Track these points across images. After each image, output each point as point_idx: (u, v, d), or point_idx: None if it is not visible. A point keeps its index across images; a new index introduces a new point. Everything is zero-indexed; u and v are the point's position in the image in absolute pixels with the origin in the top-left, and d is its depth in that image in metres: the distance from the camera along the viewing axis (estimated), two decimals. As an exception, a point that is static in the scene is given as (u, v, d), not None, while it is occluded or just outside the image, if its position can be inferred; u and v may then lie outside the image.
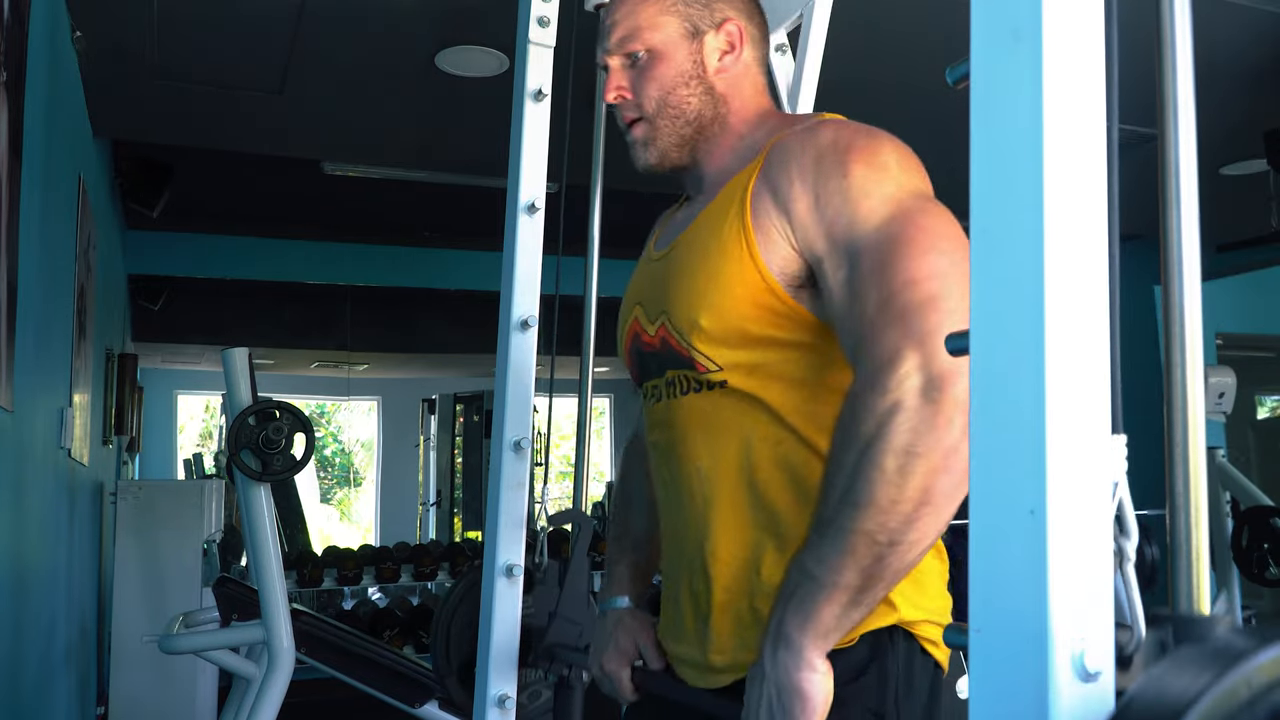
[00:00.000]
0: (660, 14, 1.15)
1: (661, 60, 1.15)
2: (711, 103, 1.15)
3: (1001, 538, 0.57)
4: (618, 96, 1.17)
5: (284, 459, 2.63)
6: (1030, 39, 0.56)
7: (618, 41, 1.17)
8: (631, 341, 1.21)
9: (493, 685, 1.67)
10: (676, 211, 1.27)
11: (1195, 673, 0.46)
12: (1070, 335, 0.56)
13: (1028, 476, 0.55)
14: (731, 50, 1.16)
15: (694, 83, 1.15)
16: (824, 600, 0.91)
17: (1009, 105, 0.58)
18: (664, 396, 1.14)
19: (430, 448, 9.31)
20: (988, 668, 0.57)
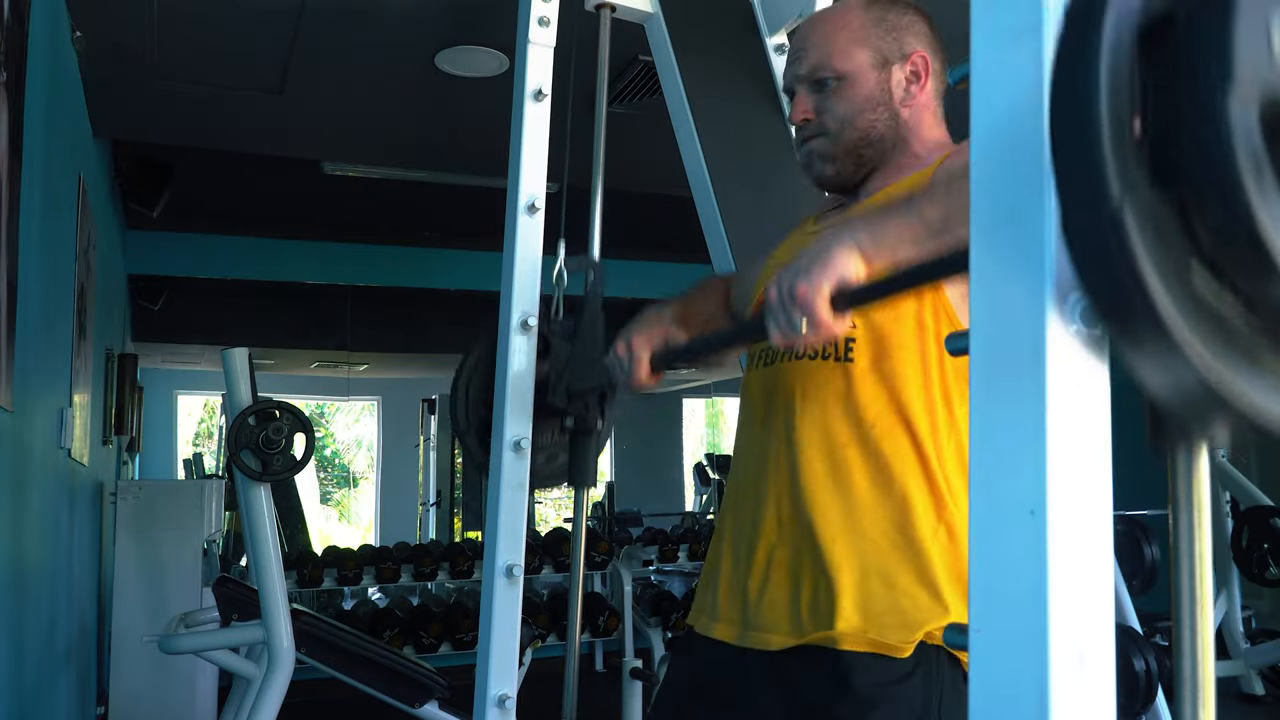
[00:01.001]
0: (851, 44, 1.20)
1: (850, 86, 1.19)
2: (894, 129, 1.20)
3: (1001, 538, 0.57)
4: (803, 119, 1.22)
5: (284, 459, 2.62)
6: (1030, 39, 0.56)
7: (809, 68, 1.21)
8: (763, 299, 1.24)
9: (493, 685, 1.67)
10: (839, 206, 1.30)
11: None
12: (1070, 335, 0.55)
13: (1028, 477, 0.55)
14: (918, 81, 1.21)
15: (881, 109, 1.20)
16: (899, 219, 0.95)
17: (1009, 106, 0.58)
18: (777, 360, 1.19)
19: (430, 448, 9.31)
20: (988, 667, 0.57)
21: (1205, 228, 0.44)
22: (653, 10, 1.95)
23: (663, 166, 2.44)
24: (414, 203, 5.39)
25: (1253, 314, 0.45)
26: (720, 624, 1.19)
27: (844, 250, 0.93)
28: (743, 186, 1.88)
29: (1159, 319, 0.44)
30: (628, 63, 3.22)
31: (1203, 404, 0.45)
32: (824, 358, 1.13)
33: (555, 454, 1.72)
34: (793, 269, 0.95)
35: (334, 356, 8.01)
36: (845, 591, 1.07)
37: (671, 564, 5.63)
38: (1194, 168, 0.43)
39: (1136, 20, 0.45)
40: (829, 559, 1.08)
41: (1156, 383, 0.46)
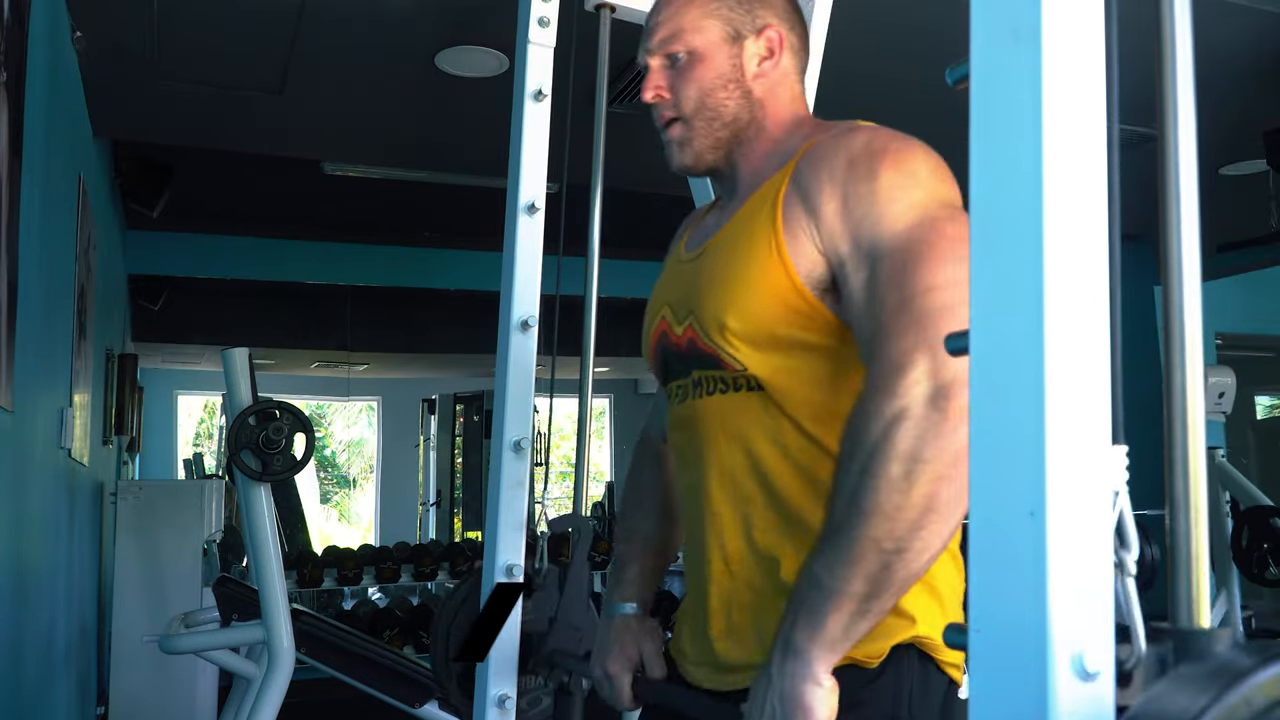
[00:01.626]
0: (703, 17, 1.16)
1: (701, 62, 1.16)
2: (748, 107, 1.16)
3: (1001, 539, 0.57)
4: (655, 96, 1.19)
5: (284, 459, 2.63)
6: (1030, 39, 0.56)
7: (659, 42, 1.19)
8: (658, 341, 1.22)
9: (493, 685, 1.67)
10: (706, 215, 1.28)
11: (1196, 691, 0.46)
12: (1070, 335, 0.56)
13: (1027, 478, 0.55)
14: (771, 56, 1.17)
15: (732, 86, 1.16)
16: (832, 609, 0.91)
17: (1009, 105, 0.58)
18: (689, 396, 1.15)
19: (430, 448, 9.32)
20: (987, 668, 0.57)
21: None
22: (653, 10, 1.95)
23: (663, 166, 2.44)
24: (414, 203, 5.39)
25: None
26: (696, 668, 1.16)
27: (811, 689, 0.91)
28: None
29: None
30: (628, 63, 3.23)
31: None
32: (737, 389, 1.09)
33: (538, 699, 1.71)
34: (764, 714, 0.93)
35: (334, 356, 8.02)
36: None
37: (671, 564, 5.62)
38: None
39: None
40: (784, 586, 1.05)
41: None
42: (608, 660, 1.24)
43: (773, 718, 0.92)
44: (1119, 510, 0.56)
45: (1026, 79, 0.57)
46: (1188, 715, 0.45)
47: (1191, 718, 0.44)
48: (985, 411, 0.59)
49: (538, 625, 1.61)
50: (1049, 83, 0.56)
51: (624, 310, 6.63)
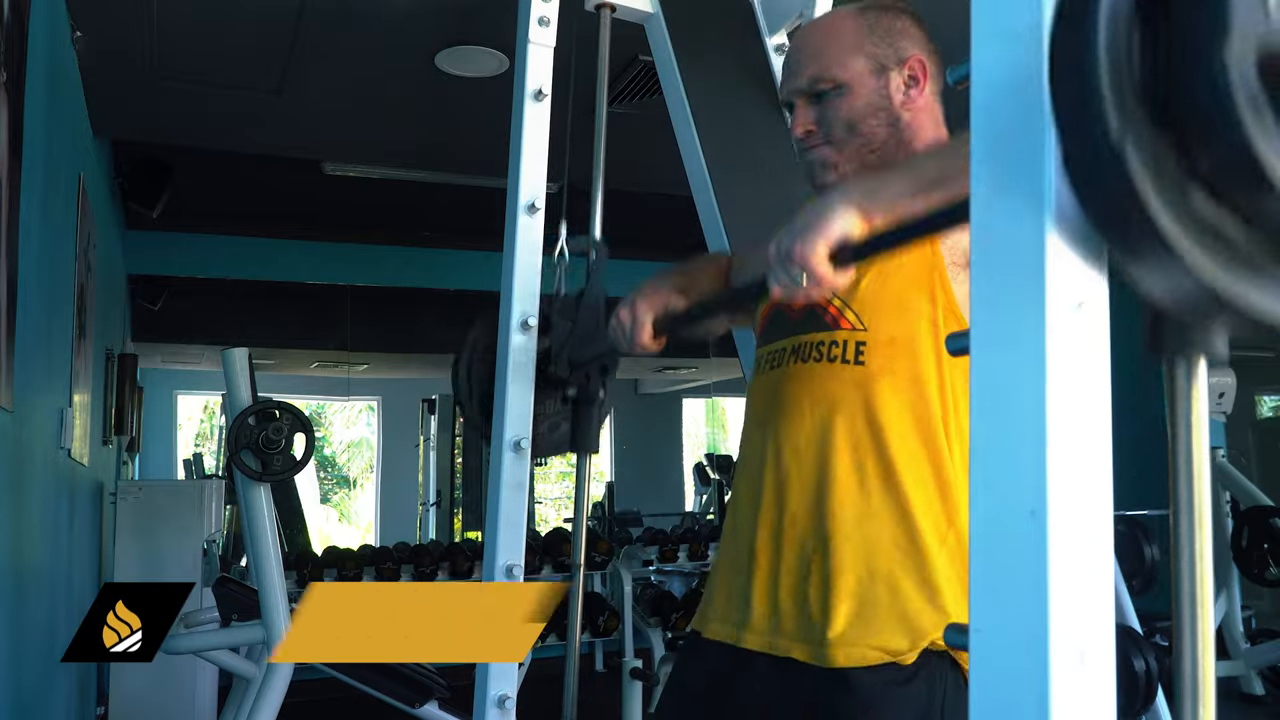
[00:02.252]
0: (847, 52, 1.20)
1: (850, 95, 1.20)
2: (896, 133, 1.20)
3: (1002, 538, 0.57)
4: (805, 132, 1.22)
5: (284, 459, 2.63)
6: (1030, 39, 0.56)
7: (808, 81, 1.22)
8: (774, 303, 1.25)
9: (493, 685, 1.67)
10: None
11: None
12: (1070, 335, 0.55)
13: (1028, 477, 0.55)
14: (916, 84, 1.21)
15: (882, 115, 1.20)
16: (896, 174, 0.96)
17: (1008, 105, 0.58)
18: (781, 363, 1.19)
19: (430, 448, 9.31)
20: (988, 667, 0.57)
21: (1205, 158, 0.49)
22: (653, 10, 1.95)
23: (663, 166, 2.44)
24: (414, 203, 5.39)
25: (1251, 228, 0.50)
26: (726, 627, 1.19)
27: (842, 206, 0.94)
28: (743, 186, 1.88)
29: (1161, 234, 0.48)
30: (628, 63, 3.23)
31: (1204, 308, 0.50)
32: (831, 360, 1.13)
33: (558, 423, 1.73)
34: (792, 226, 0.96)
35: (334, 356, 8.01)
36: (849, 595, 1.07)
37: (671, 564, 5.63)
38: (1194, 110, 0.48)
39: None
40: (836, 562, 1.08)
41: (1159, 293, 0.51)
42: (639, 299, 1.29)
43: (793, 228, 0.95)
44: None
45: (1026, 79, 0.57)
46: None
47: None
48: (985, 411, 0.59)
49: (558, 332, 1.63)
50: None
51: (624, 310, 6.64)
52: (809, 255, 0.92)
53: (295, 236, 6.05)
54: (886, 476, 1.09)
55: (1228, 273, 0.49)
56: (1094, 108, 0.49)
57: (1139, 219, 0.48)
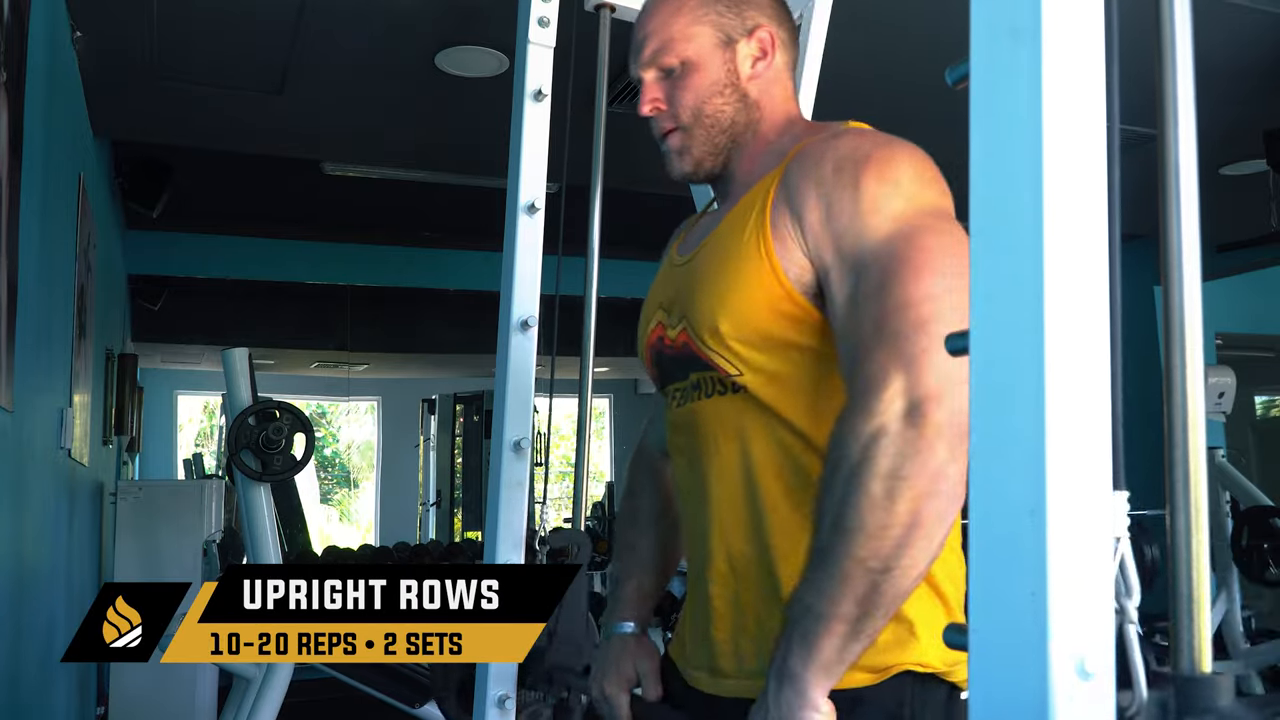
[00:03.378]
0: (692, 25, 1.15)
1: (696, 71, 1.15)
2: (745, 110, 1.16)
3: (1001, 539, 0.57)
4: (653, 109, 1.18)
5: (284, 459, 2.63)
6: (1030, 39, 0.56)
7: (651, 55, 1.17)
8: (654, 345, 1.21)
9: (492, 686, 1.67)
10: (701, 218, 1.28)
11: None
12: (1070, 335, 0.56)
13: (1028, 477, 0.55)
14: (764, 56, 1.16)
15: (728, 91, 1.15)
16: (824, 633, 0.90)
17: (1009, 105, 0.58)
18: (688, 400, 1.14)
19: (430, 448, 9.31)
20: (987, 668, 0.57)
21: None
22: (653, 10, 1.95)
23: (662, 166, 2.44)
24: (414, 203, 5.39)
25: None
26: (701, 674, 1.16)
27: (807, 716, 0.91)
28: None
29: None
30: (628, 63, 3.23)
31: None
32: (735, 391, 1.08)
33: (538, 712, 1.72)
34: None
35: (334, 356, 8.02)
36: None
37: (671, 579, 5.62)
38: None
39: None
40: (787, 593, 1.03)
41: None
42: (605, 681, 1.24)
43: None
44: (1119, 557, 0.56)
45: (1026, 79, 0.57)
46: None
47: None
48: (985, 411, 0.59)
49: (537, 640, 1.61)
50: (1049, 82, 0.56)
51: (624, 310, 6.62)
52: None
53: (295, 236, 6.05)
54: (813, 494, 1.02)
55: None
56: None
57: None
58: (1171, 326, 0.60)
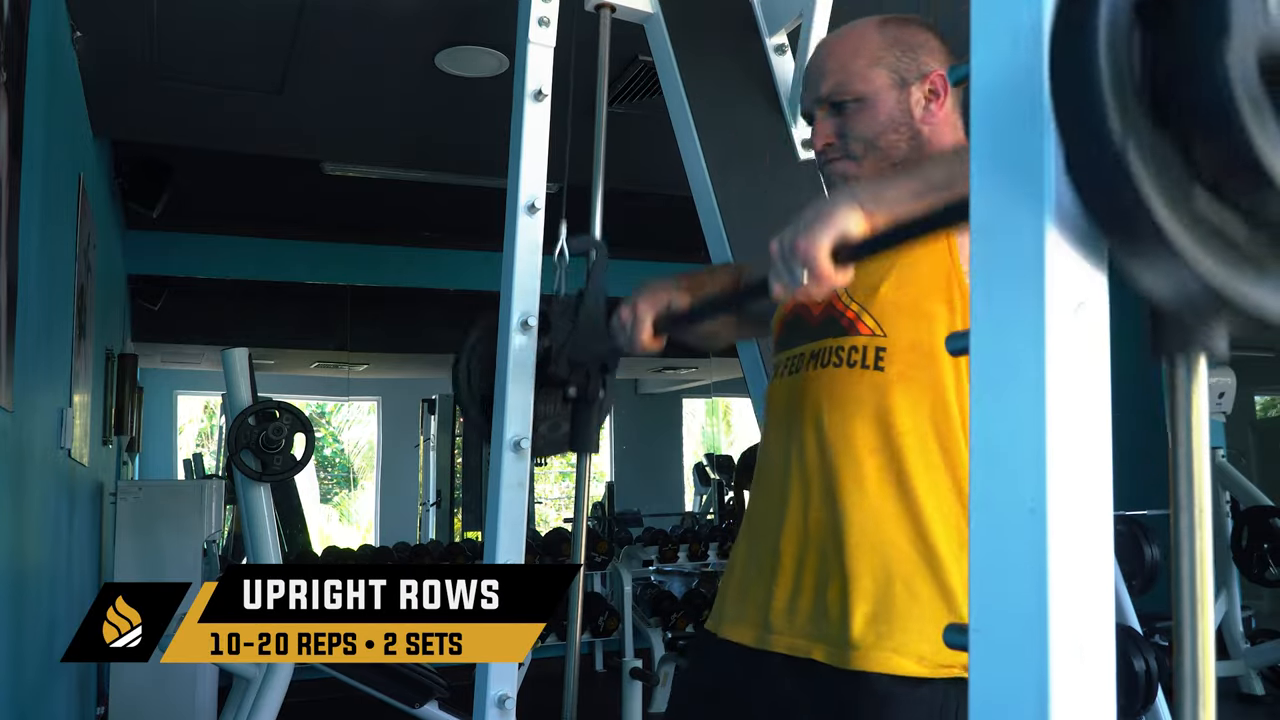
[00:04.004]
0: (869, 66, 1.20)
1: (871, 108, 1.20)
2: (917, 148, 1.21)
3: (1001, 537, 0.57)
4: (825, 143, 1.22)
5: (284, 459, 2.63)
6: (1030, 38, 0.56)
7: (828, 92, 1.22)
8: (792, 307, 1.25)
9: (493, 685, 1.67)
10: None
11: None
12: (1070, 334, 0.55)
13: (1028, 476, 0.55)
14: (936, 99, 1.21)
15: (903, 129, 1.20)
16: (902, 177, 0.97)
17: (1009, 105, 0.58)
18: (801, 368, 1.19)
19: (430, 448, 9.31)
20: (988, 667, 0.57)
21: (1207, 159, 0.49)
22: (653, 10, 1.95)
23: (663, 166, 2.44)
24: (414, 203, 5.39)
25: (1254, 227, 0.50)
26: (742, 626, 1.19)
27: (844, 205, 0.94)
28: (743, 186, 1.88)
29: (1163, 234, 0.49)
30: (628, 63, 3.23)
31: (1206, 306, 0.50)
32: (851, 365, 1.13)
33: (558, 423, 1.73)
34: (794, 224, 0.96)
35: (334, 356, 8.02)
36: (866, 599, 1.07)
37: (671, 564, 5.63)
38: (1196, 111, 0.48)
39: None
40: (853, 566, 1.08)
41: (1163, 293, 0.51)
42: (639, 298, 1.30)
43: (797, 225, 0.95)
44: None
45: (1026, 79, 0.57)
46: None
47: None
48: (985, 410, 0.59)
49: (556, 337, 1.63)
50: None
51: (624, 310, 6.63)
52: (811, 250, 0.92)
53: (295, 236, 6.05)
54: (900, 482, 1.08)
55: (1230, 271, 0.49)
56: (1095, 111, 0.49)
57: (1142, 220, 0.49)
58: (1172, 326, 0.60)
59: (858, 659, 1.05)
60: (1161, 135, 0.49)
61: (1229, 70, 0.46)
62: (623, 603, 5.22)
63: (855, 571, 1.08)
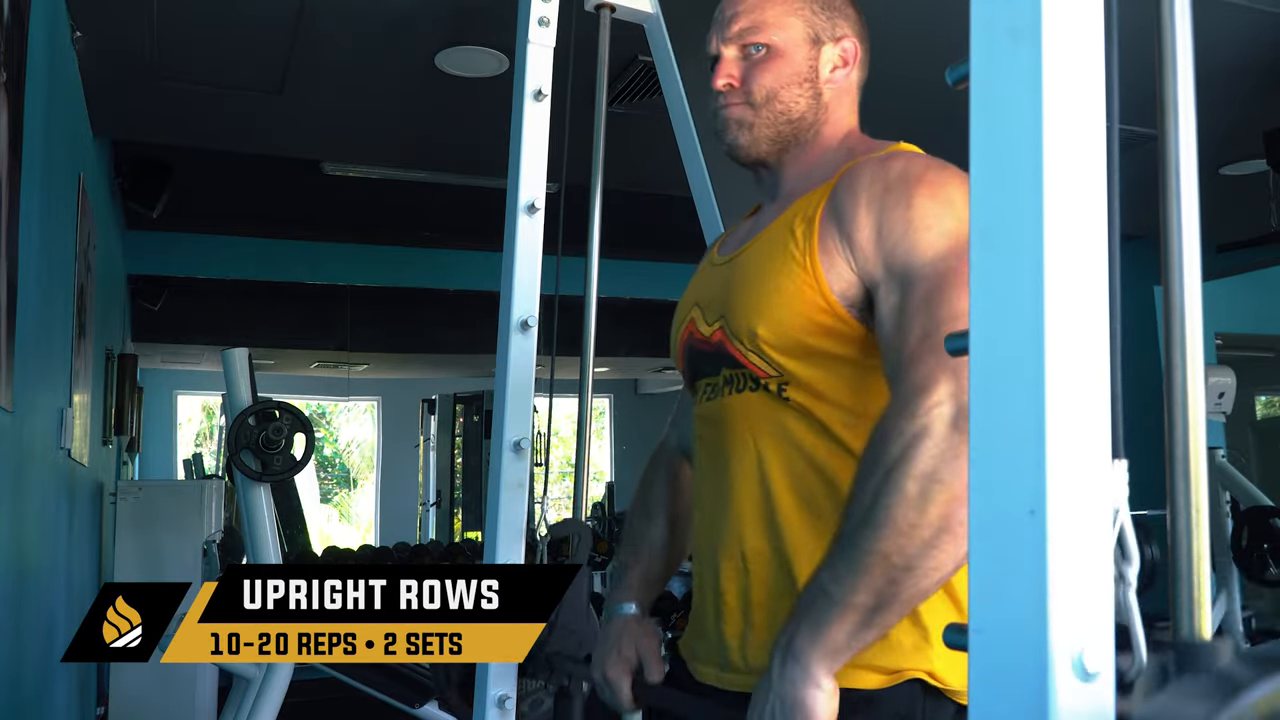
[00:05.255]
0: (786, 14, 1.18)
1: (780, 58, 1.17)
2: (815, 109, 1.18)
3: (1001, 538, 0.57)
4: (727, 84, 1.19)
5: (284, 459, 2.63)
6: (1030, 39, 0.56)
7: (738, 32, 1.19)
8: (686, 340, 1.23)
9: (493, 686, 1.67)
10: (743, 221, 1.30)
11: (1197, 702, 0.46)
12: (1070, 335, 0.56)
13: (1028, 476, 0.55)
14: (844, 65, 1.20)
15: (806, 85, 1.18)
16: (836, 618, 0.91)
17: (1009, 105, 0.58)
18: (719, 394, 1.16)
19: (430, 448, 9.31)
20: (987, 668, 0.57)
21: None
22: (653, 10, 1.95)
23: (663, 166, 2.44)
24: (414, 203, 5.39)
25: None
26: (702, 665, 1.17)
27: (812, 691, 0.91)
28: (743, 187, 1.88)
29: None
30: (628, 63, 3.23)
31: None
32: (768, 390, 1.09)
33: (540, 700, 1.71)
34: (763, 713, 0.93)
35: (334, 356, 8.01)
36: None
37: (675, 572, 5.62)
38: None
39: None
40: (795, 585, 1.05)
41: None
42: (606, 663, 1.24)
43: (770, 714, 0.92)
44: (1119, 525, 0.56)
45: (1026, 79, 0.57)
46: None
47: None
48: (985, 411, 0.59)
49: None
50: (1049, 82, 0.56)
51: (624, 310, 6.64)
52: None
53: (295, 236, 6.05)
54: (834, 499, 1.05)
55: None
56: None
57: None
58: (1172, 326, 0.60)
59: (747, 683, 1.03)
60: None
61: None
62: (623, 603, 5.20)
63: (756, 593, 1.07)
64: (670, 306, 1.33)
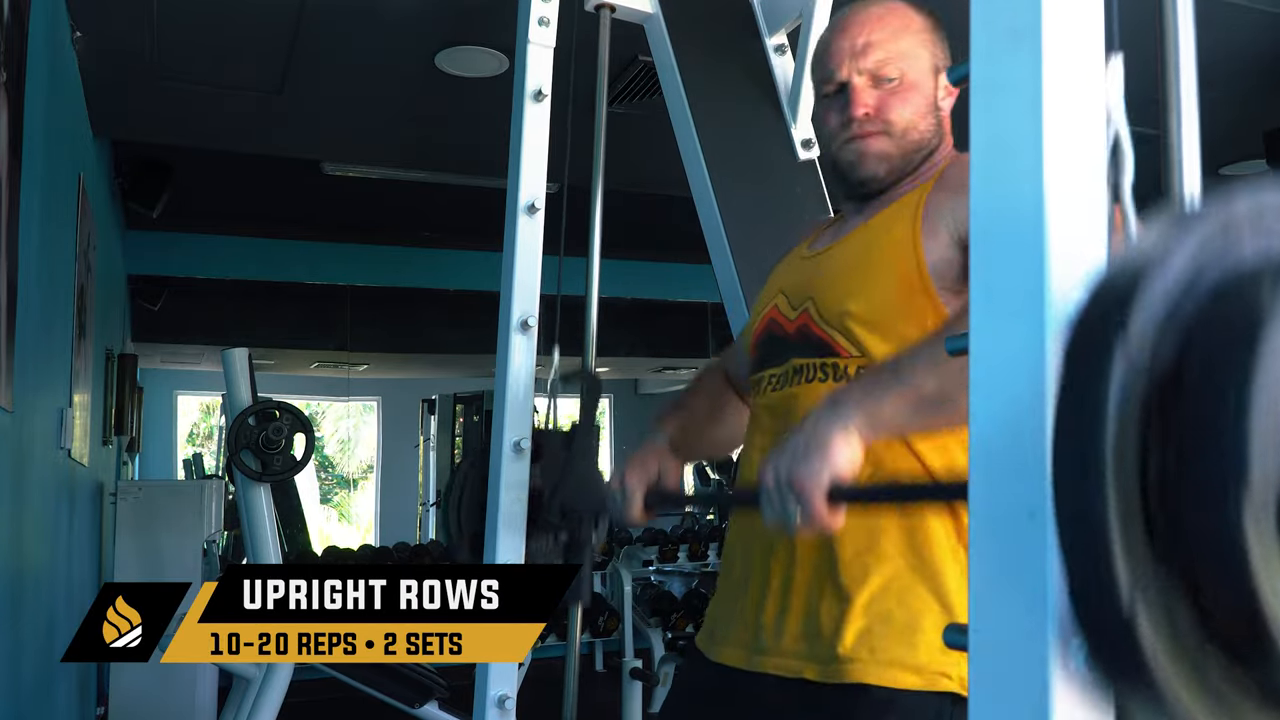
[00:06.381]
0: (918, 46, 1.21)
1: (913, 89, 1.20)
2: (936, 136, 1.22)
3: (1001, 539, 0.57)
4: (865, 113, 1.20)
5: (284, 459, 2.63)
6: (1030, 39, 0.56)
7: (875, 63, 1.20)
8: (765, 326, 1.25)
9: (493, 685, 1.67)
10: (830, 224, 1.33)
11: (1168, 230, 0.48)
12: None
13: (1028, 478, 0.55)
14: (952, 92, 1.23)
15: (931, 115, 1.21)
16: (895, 393, 0.94)
17: (1009, 105, 0.58)
18: (785, 384, 1.18)
19: (430, 448, 9.31)
20: (987, 668, 0.57)
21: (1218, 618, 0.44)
22: (653, 10, 1.95)
23: (663, 166, 2.44)
24: (414, 203, 5.39)
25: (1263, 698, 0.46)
26: (731, 648, 1.18)
27: (840, 436, 0.92)
28: (743, 186, 1.88)
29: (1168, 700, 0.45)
30: (628, 63, 3.22)
31: None
32: (838, 380, 1.12)
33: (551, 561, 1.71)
34: (789, 453, 0.94)
35: (334, 356, 8.01)
36: (860, 612, 1.06)
37: (671, 564, 5.64)
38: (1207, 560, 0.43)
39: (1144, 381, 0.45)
40: (846, 579, 1.07)
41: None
42: (627, 470, 1.28)
43: (792, 454, 0.94)
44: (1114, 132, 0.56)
45: (1026, 79, 0.57)
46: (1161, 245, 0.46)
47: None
48: (985, 411, 0.59)
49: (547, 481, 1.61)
50: (1049, 82, 0.56)
51: (624, 310, 6.64)
52: (807, 490, 0.91)
53: (295, 236, 6.05)
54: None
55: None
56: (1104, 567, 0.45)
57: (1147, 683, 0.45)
58: (1172, 326, 0.60)
59: (852, 673, 1.04)
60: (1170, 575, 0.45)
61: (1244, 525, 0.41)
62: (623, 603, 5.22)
63: (850, 587, 1.07)
64: (670, 306, 1.33)
